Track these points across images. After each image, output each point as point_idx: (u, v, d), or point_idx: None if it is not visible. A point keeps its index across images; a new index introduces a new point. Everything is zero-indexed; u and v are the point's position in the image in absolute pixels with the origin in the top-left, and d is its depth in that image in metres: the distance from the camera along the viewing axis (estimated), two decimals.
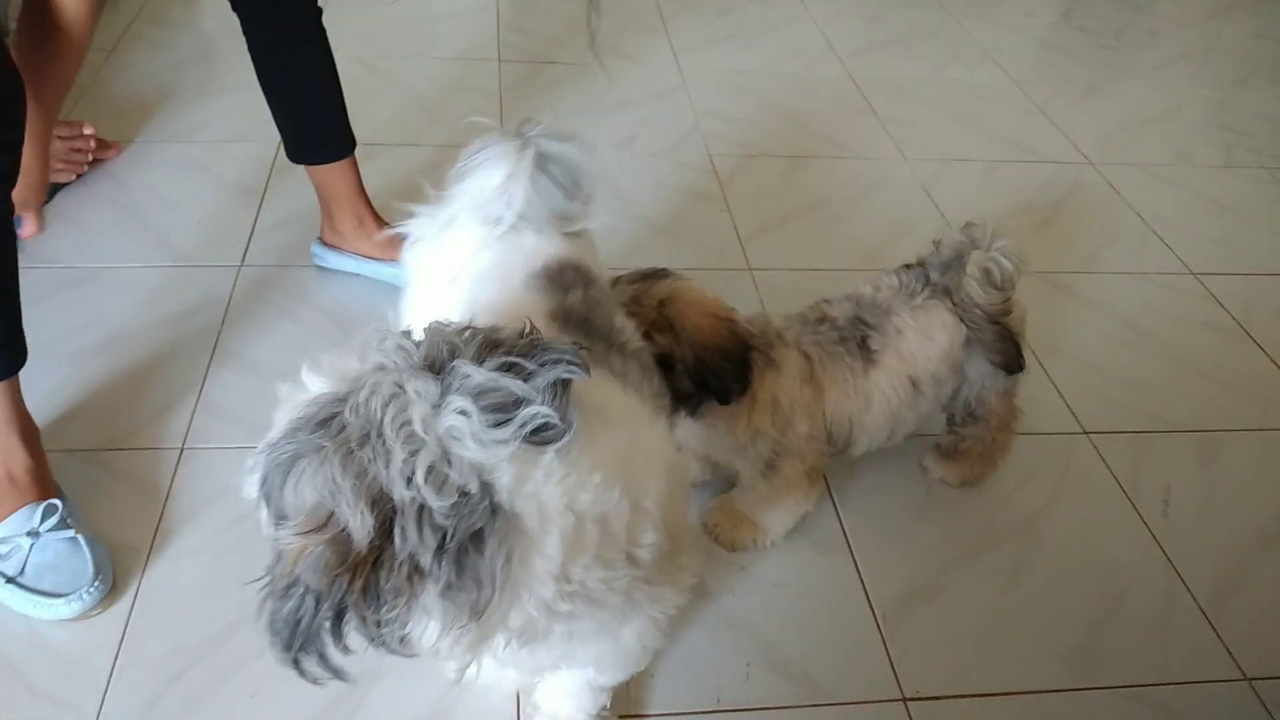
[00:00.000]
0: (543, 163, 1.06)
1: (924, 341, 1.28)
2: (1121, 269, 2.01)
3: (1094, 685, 1.27)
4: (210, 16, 2.54)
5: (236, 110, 2.15)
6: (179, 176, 1.96)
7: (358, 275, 1.75)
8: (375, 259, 1.72)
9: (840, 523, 1.44)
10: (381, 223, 1.72)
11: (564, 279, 1.00)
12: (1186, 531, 1.49)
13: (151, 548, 1.29)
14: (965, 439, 1.43)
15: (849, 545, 1.41)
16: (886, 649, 1.28)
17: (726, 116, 2.37)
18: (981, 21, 2.98)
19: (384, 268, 1.71)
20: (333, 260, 1.75)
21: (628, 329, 0.99)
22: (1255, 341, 1.86)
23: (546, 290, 0.98)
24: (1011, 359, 1.31)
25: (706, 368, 1.17)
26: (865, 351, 1.27)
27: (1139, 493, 1.54)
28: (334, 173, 1.66)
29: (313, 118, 1.64)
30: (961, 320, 1.29)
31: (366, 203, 1.71)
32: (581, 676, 1.04)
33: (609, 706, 1.12)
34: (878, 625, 1.31)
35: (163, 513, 1.33)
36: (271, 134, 1.72)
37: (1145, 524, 1.49)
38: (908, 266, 1.34)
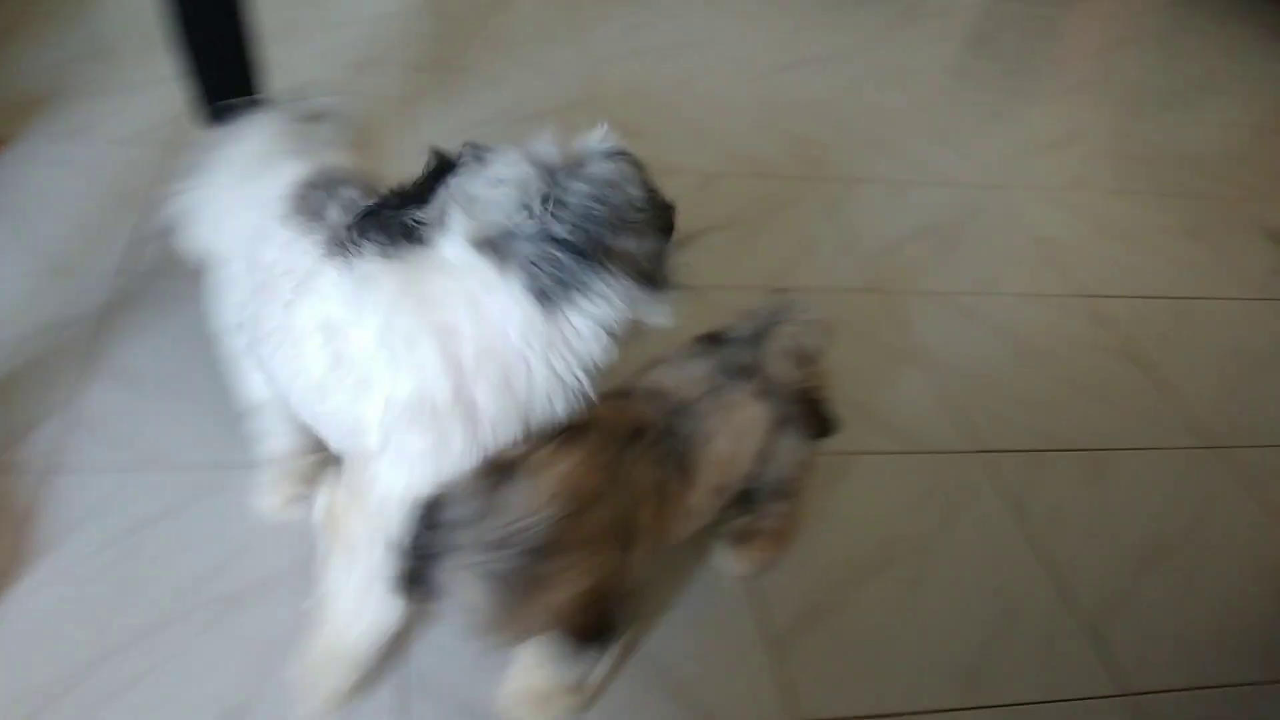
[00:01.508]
0: (301, 127, 1.14)
1: (736, 444, 1.15)
2: (1019, 291, 2.05)
3: (984, 704, 1.29)
4: (101, 14, 2.43)
5: (123, 113, 2.05)
6: (60, 178, 1.87)
7: None
8: None
9: None
10: None
11: (311, 203, 1.04)
12: (1073, 550, 1.52)
13: (8, 575, 1.21)
14: (764, 517, 1.32)
15: None
16: (780, 672, 1.27)
17: (638, 131, 2.35)
18: (894, 45, 3.04)
19: None
20: None
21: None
22: (1141, 363, 1.91)
23: (301, 222, 1.03)
24: (827, 428, 1.27)
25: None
26: (683, 471, 1.10)
27: (1029, 511, 1.57)
28: None
29: (228, 73, 1.67)
30: (770, 402, 1.18)
31: None
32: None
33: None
34: (770, 648, 1.30)
35: (23, 537, 1.26)
36: (156, 138, 1.66)
37: (1034, 542, 1.52)
38: (711, 338, 1.22)
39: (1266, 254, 2.33)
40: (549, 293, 0.92)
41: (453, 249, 0.93)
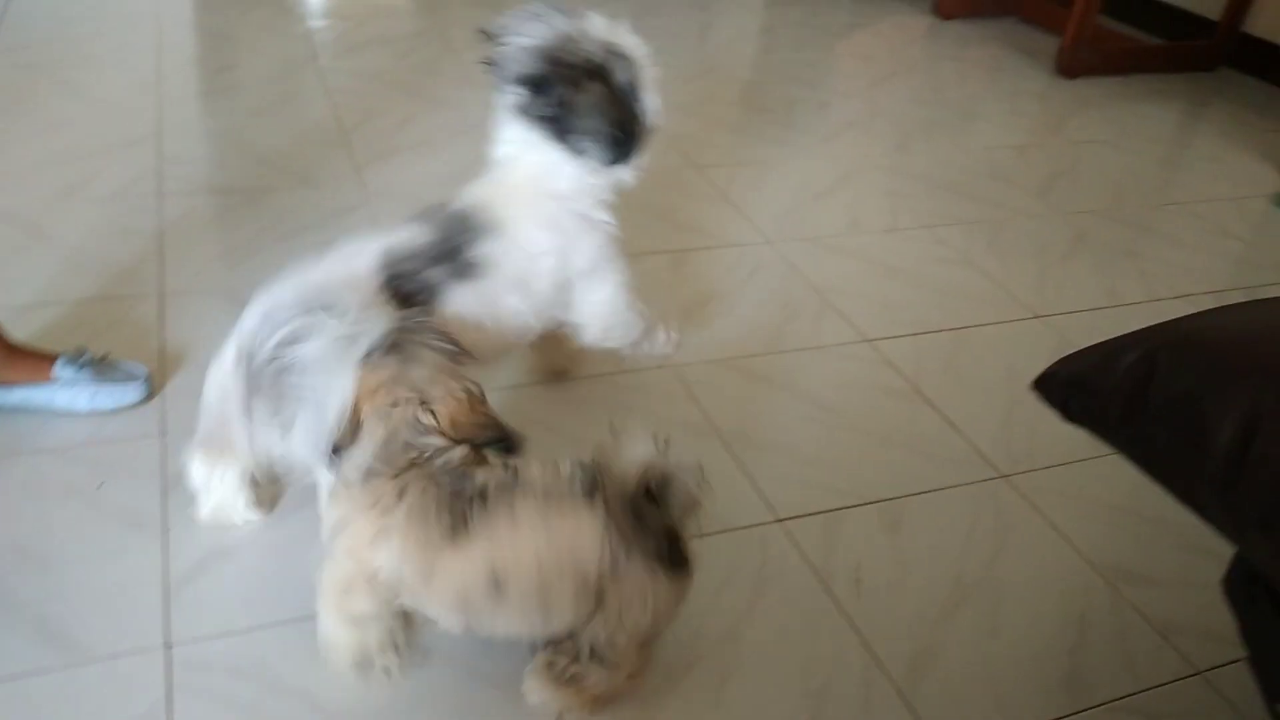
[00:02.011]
0: None
1: (543, 539, 1.09)
2: (802, 345, 2.08)
3: None
4: None
5: None
6: None
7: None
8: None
9: None
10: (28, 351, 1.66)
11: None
12: (879, 608, 1.51)
13: None
14: (581, 677, 1.23)
15: None
16: None
17: None
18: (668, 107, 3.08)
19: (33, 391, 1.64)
20: None
21: None
22: (926, 400, 1.96)
23: None
24: (686, 566, 1.21)
25: None
26: (459, 523, 1.08)
27: (833, 575, 1.56)
28: None
29: None
30: (609, 527, 1.12)
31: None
32: None
33: None
34: None
35: None
36: None
37: (841, 608, 1.51)
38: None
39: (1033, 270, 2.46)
40: (576, 149, 1.51)
41: (508, 138, 1.58)
